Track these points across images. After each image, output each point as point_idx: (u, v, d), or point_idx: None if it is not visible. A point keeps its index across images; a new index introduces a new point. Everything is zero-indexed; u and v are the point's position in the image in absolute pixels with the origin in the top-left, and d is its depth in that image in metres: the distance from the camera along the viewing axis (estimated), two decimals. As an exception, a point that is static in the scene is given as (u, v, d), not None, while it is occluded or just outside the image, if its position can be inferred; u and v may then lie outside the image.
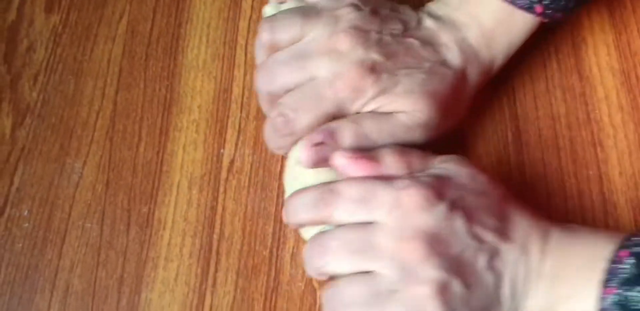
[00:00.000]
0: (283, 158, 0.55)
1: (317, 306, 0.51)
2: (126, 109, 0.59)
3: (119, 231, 0.54)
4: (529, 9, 0.49)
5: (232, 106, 0.58)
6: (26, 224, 0.55)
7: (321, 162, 0.46)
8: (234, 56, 0.60)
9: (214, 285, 0.52)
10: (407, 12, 0.52)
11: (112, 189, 0.56)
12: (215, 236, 0.53)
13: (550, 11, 0.49)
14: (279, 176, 0.55)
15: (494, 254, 0.43)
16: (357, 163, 0.45)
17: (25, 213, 0.55)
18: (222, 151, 0.56)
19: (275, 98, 0.49)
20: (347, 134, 0.47)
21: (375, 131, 0.47)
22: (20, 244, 0.54)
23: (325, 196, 0.44)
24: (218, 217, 0.54)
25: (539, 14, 0.49)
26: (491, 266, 0.42)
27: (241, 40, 0.61)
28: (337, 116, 0.48)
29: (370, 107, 0.48)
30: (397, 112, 0.48)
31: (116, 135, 0.58)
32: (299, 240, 0.53)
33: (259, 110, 0.57)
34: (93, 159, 0.57)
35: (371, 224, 0.43)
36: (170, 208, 0.55)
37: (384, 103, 0.48)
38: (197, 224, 0.54)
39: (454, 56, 0.50)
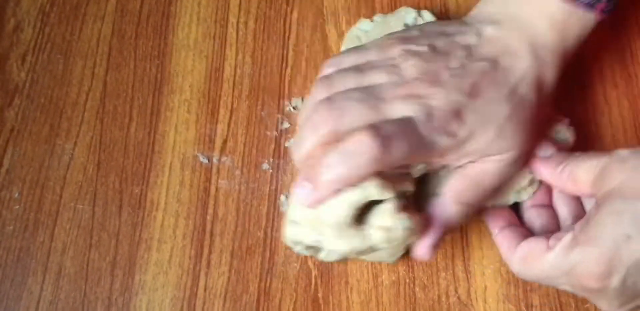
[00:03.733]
0: (276, 138, 0.55)
1: (312, 286, 0.51)
2: (116, 89, 0.58)
3: (111, 212, 0.54)
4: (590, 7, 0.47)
5: (224, 85, 0.57)
6: (17, 207, 0.54)
7: None
8: (226, 34, 0.59)
9: (208, 266, 0.52)
10: (460, 30, 0.47)
11: (103, 170, 0.55)
12: (208, 217, 0.53)
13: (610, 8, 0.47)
14: (272, 155, 0.55)
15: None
16: None
17: (16, 195, 0.54)
18: (214, 131, 0.56)
19: (328, 140, 0.42)
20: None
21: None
22: (11, 227, 0.53)
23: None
24: (211, 198, 0.54)
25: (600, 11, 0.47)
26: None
27: (232, 19, 0.60)
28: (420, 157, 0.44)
29: (460, 154, 0.44)
30: (485, 160, 0.45)
31: (107, 115, 0.57)
32: (293, 220, 0.52)
33: (251, 89, 0.57)
34: (84, 140, 0.56)
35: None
36: (162, 189, 0.54)
37: (473, 147, 0.44)
38: (190, 205, 0.53)
39: (527, 66, 0.46)
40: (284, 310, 0.50)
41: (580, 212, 0.48)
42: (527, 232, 0.47)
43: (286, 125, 0.55)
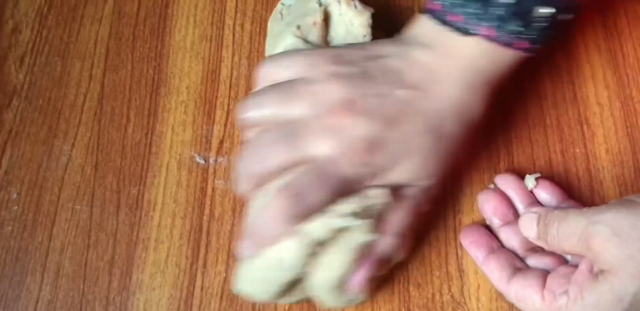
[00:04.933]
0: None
1: (308, 285, 0.51)
2: (114, 91, 0.58)
3: (108, 213, 0.54)
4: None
5: (220, 86, 0.58)
6: (15, 207, 0.55)
7: None
8: (222, 36, 0.60)
9: (204, 265, 0.52)
10: (390, 52, 0.46)
11: (101, 171, 0.56)
12: (205, 217, 0.53)
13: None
14: (269, 156, 0.55)
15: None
16: None
17: (15, 195, 0.55)
18: (211, 131, 0.56)
19: (261, 181, 0.45)
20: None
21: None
22: (10, 227, 0.54)
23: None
24: (208, 198, 0.54)
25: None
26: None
27: (229, 21, 0.60)
28: (346, 192, 0.44)
29: (382, 182, 0.44)
30: (407, 185, 0.46)
31: (104, 117, 0.58)
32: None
33: (247, 90, 0.57)
34: (81, 141, 0.57)
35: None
36: (159, 189, 0.55)
37: (395, 176, 0.44)
38: (187, 205, 0.54)
39: (454, 95, 0.46)
40: (280, 309, 0.50)
41: None
42: (510, 255, 0.48)
43: (282, 126, 0.56)
